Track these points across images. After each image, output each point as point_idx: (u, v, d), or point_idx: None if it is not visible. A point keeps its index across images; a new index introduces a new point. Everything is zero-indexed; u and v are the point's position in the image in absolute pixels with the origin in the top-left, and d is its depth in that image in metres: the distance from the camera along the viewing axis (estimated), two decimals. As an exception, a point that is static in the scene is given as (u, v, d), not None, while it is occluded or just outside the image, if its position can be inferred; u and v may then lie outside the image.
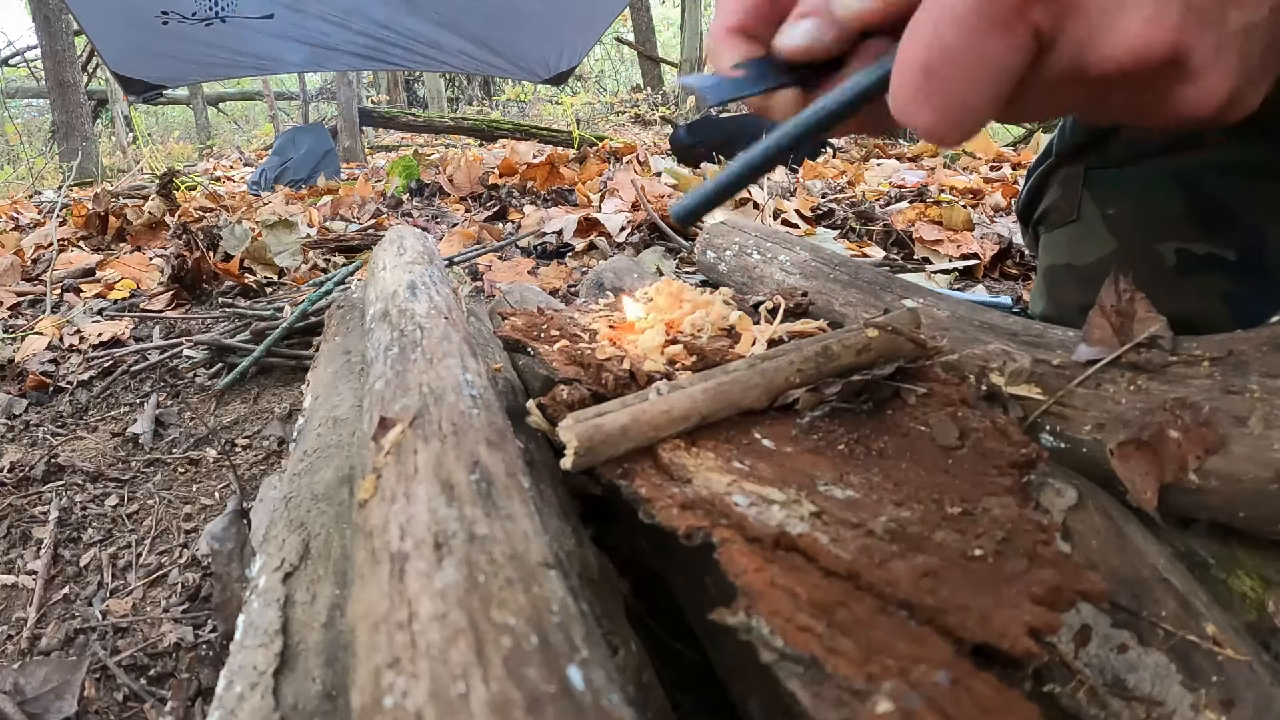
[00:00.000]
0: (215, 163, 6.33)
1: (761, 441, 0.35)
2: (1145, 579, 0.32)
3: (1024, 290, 1.40)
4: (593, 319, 0.49)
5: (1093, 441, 0.38)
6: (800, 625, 0.22)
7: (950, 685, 0.20)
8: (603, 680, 0.19)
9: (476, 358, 0.39)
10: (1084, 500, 0.36)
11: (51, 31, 5.52)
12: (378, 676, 0.18)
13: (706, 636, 0.33)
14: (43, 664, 0.59)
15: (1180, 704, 0.29)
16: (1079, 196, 0.69)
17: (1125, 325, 0.40)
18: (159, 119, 11.79)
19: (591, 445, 0.31)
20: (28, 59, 9.30)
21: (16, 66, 9.74)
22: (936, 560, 0.26)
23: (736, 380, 0.36)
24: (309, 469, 0.42)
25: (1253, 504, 0.34)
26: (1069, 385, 0.40)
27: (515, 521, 0.24)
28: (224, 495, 0.82)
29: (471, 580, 0.20)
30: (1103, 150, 0.67)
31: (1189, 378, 0.38)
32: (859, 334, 0.40)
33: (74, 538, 0.77)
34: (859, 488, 0.31)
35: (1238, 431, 0.35)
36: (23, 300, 1.57)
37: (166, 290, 1.52)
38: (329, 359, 0.59)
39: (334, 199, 2.69)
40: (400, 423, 0.29)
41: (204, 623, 0.62)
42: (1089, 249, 0.68)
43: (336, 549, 0.35)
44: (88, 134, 5.69)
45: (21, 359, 1.19)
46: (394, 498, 0.25)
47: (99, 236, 2.12)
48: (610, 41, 9.42)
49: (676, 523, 0.28)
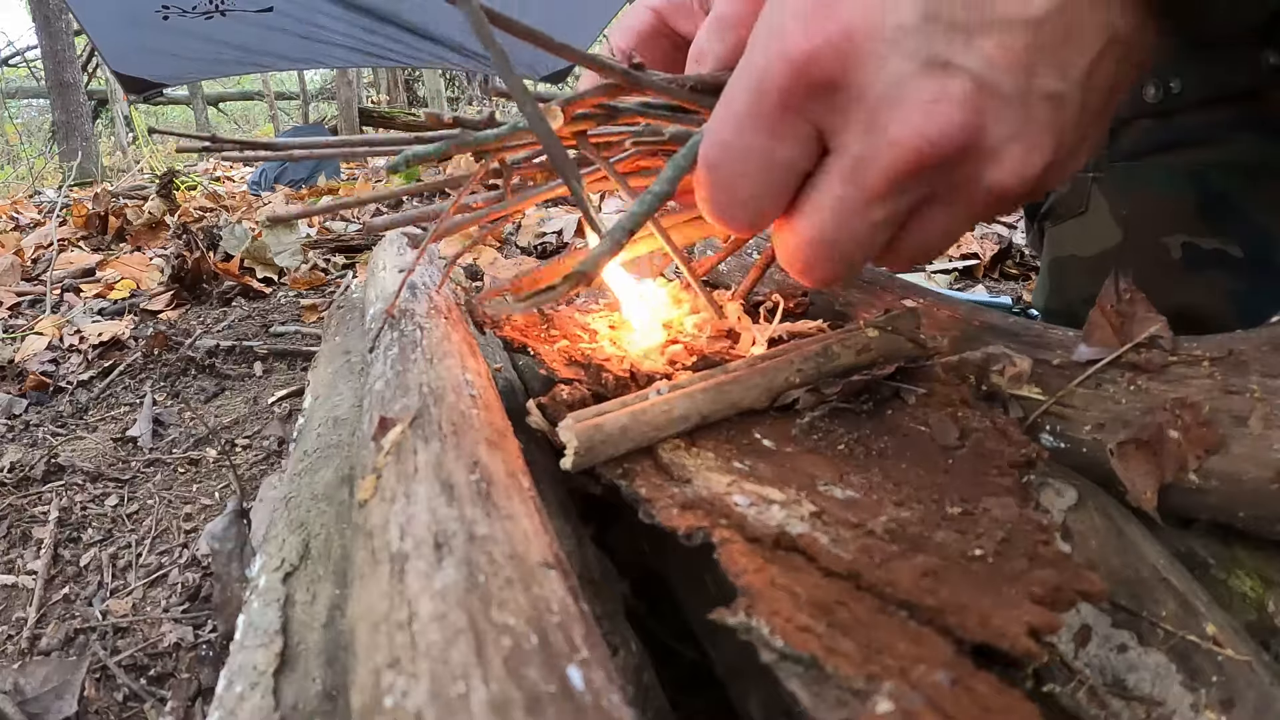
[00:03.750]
0: (215, 163, 6.33)
1: (762, 441, 0.35)
2: (1145, 579, 0.32)
3: (1024, 290, 1.39)
4: (593, 319, 0.49)
5: (1093, 441, 0.38)
6: (800, 625, 0.22)
7: (951, 685, 0.20)
8: (603, 680, 0.19)
9: (476, 358, 0.39)
10: (1084, 500, 0.36)
11: (51, 31, 5.52)
12: (378, 676, 0.18)
13: (706, 636, 0.33)
14: (43, 664, 0.59)
15: (1180, 704, 0.29)
16: (1088, 190, 0.69)
17: (1125, 325, 0.40)
18: (159, 119, 11.79)
19: (591, 445, 0.31)
20: (28, 59, 9.31)
21: (16, 66, 9.74)
22: (937, 560, 0.26)
23: (737, 380, 0.36)
24: (309, 469, 0.42)
25: (1253, 504, 0.34)
26: (1069, 385, 0.40)
27: (515, 521, 0.24)
28: (224, 495, 0.82)
29: (471, 580, 0.20)
30: (1112, 145, 0.67)
31: (1189, 378, 0.38)
32: (859, 334, 0.40)
33: (74, 538, 0.77)
34: (859, 488, 0.31)
35: (1238, 431, 0.35)
36: (23, 300, 1.57)
37: (166, 290, 1.52)
38: (329, 359, 0.59)
39: (334, 199, 2.69)
40: (400, 423, 0.29)
41: (204, 623, 0.62)
42: (1095, 241, 0.68)
43: (336, 549, 0.35)
44: (88, 134, 5.69)
45: (21, 359, 1.19)
46: (394, 498, 0.25)
47: (99, 236, 2.12)
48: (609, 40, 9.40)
49: (676, 523, 0.28)
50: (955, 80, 0.27)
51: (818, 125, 0.30)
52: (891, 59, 0.28)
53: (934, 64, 0.27)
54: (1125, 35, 0.28)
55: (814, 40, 0.28)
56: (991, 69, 0.27)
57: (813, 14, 0.29)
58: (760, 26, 0.31)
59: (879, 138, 0.29)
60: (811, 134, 0.31)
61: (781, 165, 0.31)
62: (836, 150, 0.30)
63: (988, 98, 0.28)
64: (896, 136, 0.28)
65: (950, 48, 0.27)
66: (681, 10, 0.51)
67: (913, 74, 0.28)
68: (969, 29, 0.27)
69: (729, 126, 0.31)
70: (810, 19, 0.28)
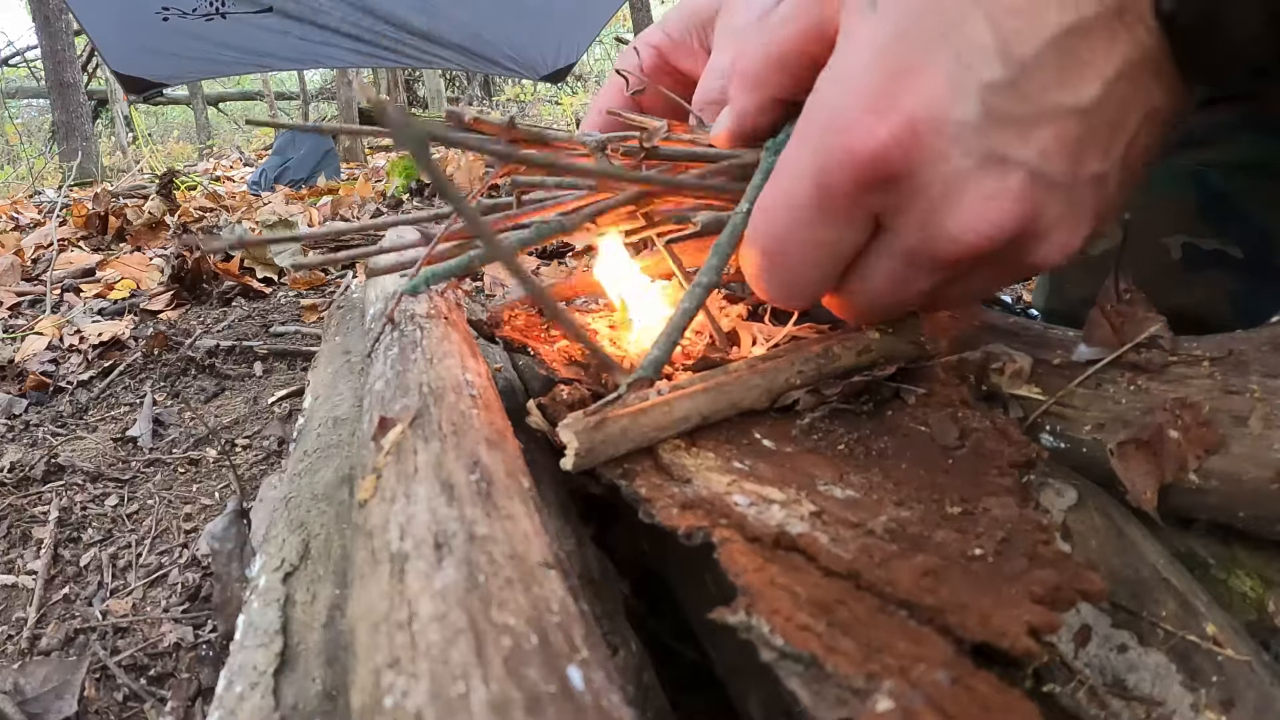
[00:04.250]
0: (215, 163, 6.33)
1: (762, 441, 0.35)
2: (1145, 579, 0.32)
3: (1024, 290, 1.39)
4: (593, 319, 0.49)
5: (1093, 441, 0.38)
6: (800, 625, 0.22)
7: (950, 684, 0.20)
8: (603, 680, 0.19)
9: (476, 358, 0.39)
10: (1084, 500, 0.36)
11: (51, 31, 5.52)
12: (378, 676, 0.18)
13: (706, 636, 0.33)
14: (43, 664, 0.59)
15: (1180, 704, 0.29)
16: None
17: (1125, 325, 0.40)
18: (159, 119, 11.79)
19: (591, 446, 0.31)
20: (28, 59, 9.31)
21: (16, 66, 9.74)
22: (936, 560, 0.26)
23: (737, 381, 0.36)
24: (309, 469, 0.42)
25: (1253, 504, 0.34)
26: (1069, 385, 0.40)
27: (515, 521, 0.24)
28: (224, 495, 0.82)
29: (471, 580, 0.20)
30: None
31: (1189, 378, 0.38)
32: (860, 335, 0.40)
33: (74, 538, 0.77)
34: (859, 487, 0.31)
35: (1238, 431, 0.35)
36: (23, 300, 1.57)
37: (166, 290, 1.52)
38: (329, 359, 0.59)
39: (334, 199, 2.69)
40: (400, 423, 0.29)
41: (204, 623, 0.62)
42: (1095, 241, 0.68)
43: (336, 549, 0.35)
44: (88, 134, 5.69)
45: (21, 359, 1.19)
46: (394, 498, 0.25)
47: (99, 236, 2.12)
48: (610, 41, 9.43)
49: (676, 522, 0.28)
50: (1012, 175, 0.28)
51: (877, 211, 0.31)
52: (952, 155, 0.28)
53: (992, 159, 0.28)
54: (1161, 107, 0.29)
55: (880, 137, 0.28)
56: (1045, 160, 0.28)
57: (877, 105, 0.28)
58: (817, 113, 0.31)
59: (938, 230, 0.29)
60: (870, 219, 0.31)
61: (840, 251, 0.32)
62: (893, 230, 0.31)
63: (1041, 189, 0.28)
64: (955, 231, 0.29)
65: (1007, 143, 0.28)
66: (683, 49, 0.52)
67: (972, 170, 0.28)
68: (1025, 123, 0.27)
69: (789, 220, 0.32)
70: (875, 111, 0.28)
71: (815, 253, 0.32)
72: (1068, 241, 0.31)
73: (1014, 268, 0.32)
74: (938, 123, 0.28)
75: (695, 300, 0.32)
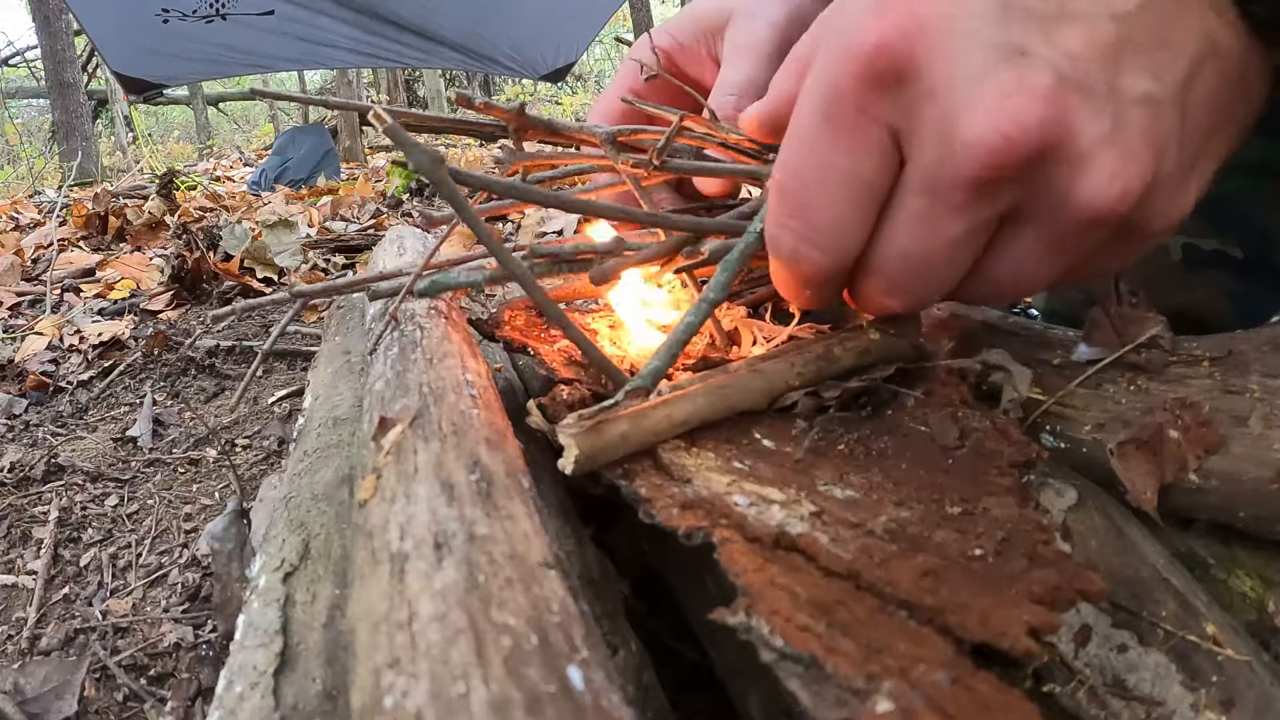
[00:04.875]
0: (215, 163, 6.33)
1: (762, 441, 0.35)
2: (1145, 579, 0.32)
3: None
4: (593, 319, 0.49)
5: (1093, 441, 0.38)
6: (800, 625, 0.22)
7: (950, 685, 0.20)
8: (603, 680, 0.19)
9: (476, 358, 0.39)
10: (1084, 500, 0.36)
11: (51, 31, 5.52)
12: (378, 676, 0.18)
13: (706, 636, 0.33)
14: (43, 664, 0.59)
15: (1180, 704, 0.29)
16: None
17: (1125, 325, 0.40)
18: (159, 119, 11.79)
19: (592, 454, 0.31)
20: (28, 59, 9.31)
21: (16, 66, 9.74)
22: (936, 560, 0.26)
23: (737, 382, 0.36)
24: (309, 469, 0.42)
25: (1253, 504, 0.34)
26: (1069, 385, 0.40)
27: (515, 521, 0.24)
28: (224, 495, 0.82)
29: (471, 580, 0.20)
30: None
31: (1189, 378, 0.38)
32: (860, 336, 0.40)
33: (74, 538, 0.77)
34: (859, 488, 0.31)
35: (1238, 431, 0.35)
36: (23, 300, 1.57)
37: (166, 290, 1.52)
38: (329, 359, 0.59)
39: (334, 199, 2.69)
40: (400, 423, 0.29)
41: (204, 623, 0.62)
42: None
43: (336, 549, 0.35)
44: (88, 134, 5.69)
45: (21, 359, 1.19)
46: (394, 498, 0.25)
47: (99, 236, 2.12)
48: (610, 41, 9.43)
49: (676, 523, 0.28)
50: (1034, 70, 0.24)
51: (891, 127, 0.28)
52: (965, 48, 0.25)
53: (1011, 53, 0.25)
54: (1227, 48, 0.26)
55: (881, 29, 0.26)
56: (1074, 61, 0.24)
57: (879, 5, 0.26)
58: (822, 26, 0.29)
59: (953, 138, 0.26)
60: (886, 142, 0.28)
61: (861, 181, 0.28)
62: (911, 158, 0.28)
63: (1071, 91, 0.25)
64: (971, 135, 0.25)
65: (1029, 38, 0.25)
66: (690, 55, 0.52)
67: (988, 65, 0.25)
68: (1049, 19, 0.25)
69: (802, 147, 0.29)
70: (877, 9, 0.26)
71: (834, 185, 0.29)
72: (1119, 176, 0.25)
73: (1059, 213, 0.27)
74: (947, 15, 0.25)
75: (700, 315, 0.32)
